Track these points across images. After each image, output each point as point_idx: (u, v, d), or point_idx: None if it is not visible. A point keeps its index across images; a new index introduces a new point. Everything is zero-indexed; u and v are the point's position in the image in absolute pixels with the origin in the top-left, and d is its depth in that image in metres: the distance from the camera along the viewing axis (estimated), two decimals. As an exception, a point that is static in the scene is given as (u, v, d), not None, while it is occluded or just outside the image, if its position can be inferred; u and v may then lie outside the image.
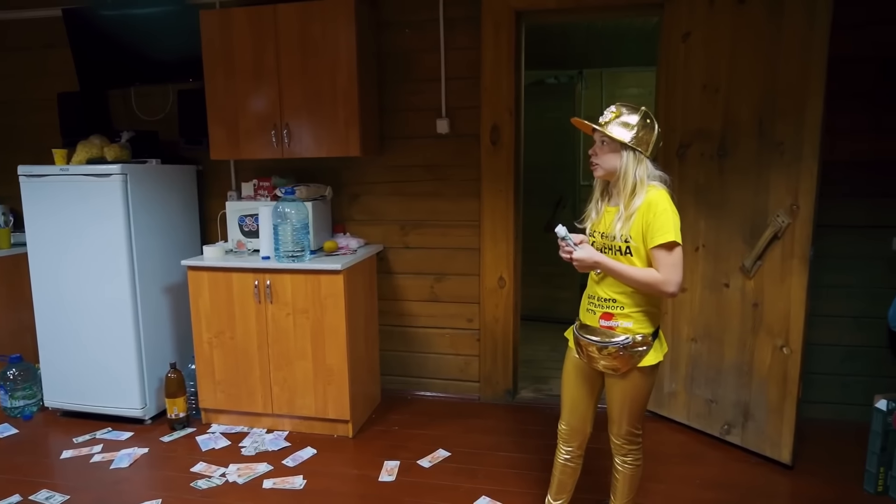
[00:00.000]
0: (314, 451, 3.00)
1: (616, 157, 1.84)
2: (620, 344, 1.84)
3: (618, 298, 1.88)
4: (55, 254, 3.33)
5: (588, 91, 5.74)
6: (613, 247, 1.87)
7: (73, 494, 2.67)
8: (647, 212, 1.78)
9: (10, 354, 3.54)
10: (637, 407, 1.96)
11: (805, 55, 2.50)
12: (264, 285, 3.06)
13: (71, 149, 3.43)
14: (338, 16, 3.04)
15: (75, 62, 3.68)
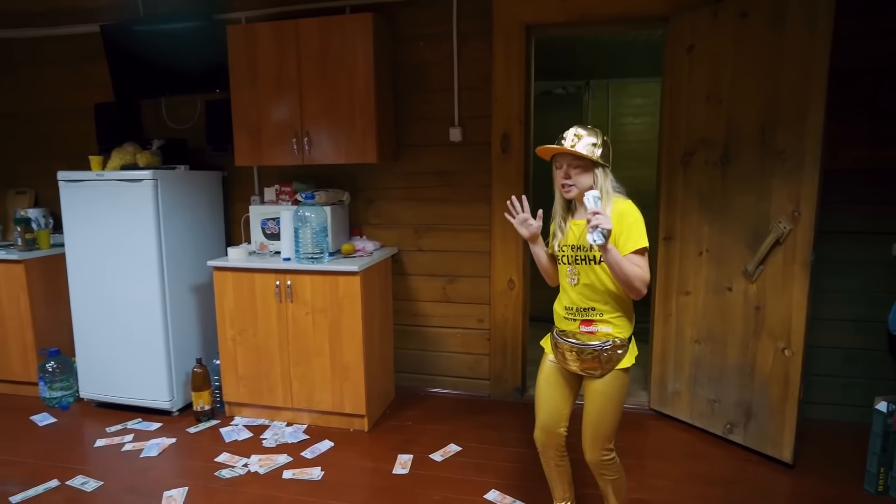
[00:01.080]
0: (331, 443, 2.99)
1: (588, 175, 1.86)
2: (600, 347, 1.86)
3: (596, 307, 1.89)
4: (91, 254, 3.36)
5: (595, 101, 5.66)
6: (588, 257, 1.88)
7: (106, 480, 2.69)
8: (621, 221, 1.80)
9: (49, 348, 3.56)
10: (613, 412, 1.92)
11: (806, 66, 2.44)
12: (285, 285, 3.05)
13: (106, 155, 3.49)
14: (356, 30, 3.03)
15: (111, 74, 3.71)
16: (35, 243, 3.70)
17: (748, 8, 2.62)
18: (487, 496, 2.47)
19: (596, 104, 5.77)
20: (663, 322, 3.15)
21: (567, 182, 1.88)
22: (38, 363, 3.59)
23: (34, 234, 3.71)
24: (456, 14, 3.24)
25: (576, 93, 4.95)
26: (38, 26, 3.95)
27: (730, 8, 2.69)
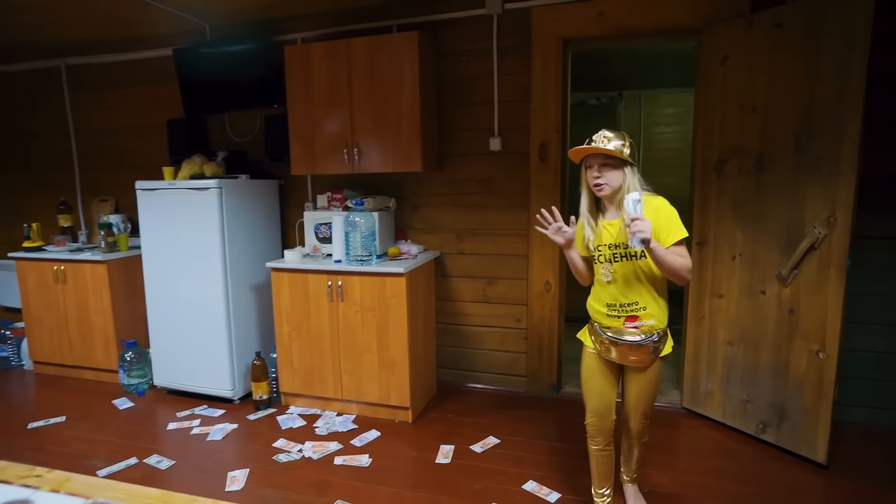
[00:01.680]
0: (378, 433, 3.02)
1: (619, 173, 1.90)
2: (652, 341, 1.92)
3: (638, 300, 1.94)
4: (163, 256, 3.47)
5: (627, 111, 5.58)
6: (628, 254, 1.91)
7: (177, 460, 2.78)
8: (658, 216, 1.85)
9: (128, 340, 3.71)
10: (654, 392, 2.08)
11: (843, 74, 2.36)
12: (336, 285, 3.11)
13: (177, 166, 3.60)
14: (403, 48, 3.07)
15: (181, 93, 3.85)
16: (116, 246, 3.86)
17: (783, 19, 2.56)
18: (525, 487, 2.47)
19: (628, 114, 5.70)
20: (696, 324, 3.09)
21: (599, 181, 1.91)
22: (118, 353, 3.73)
23: (115, 237, 3.87)
24: (496, 31, 3.25)
25: (609, 103, 4.90)
26: (118, 52, 4.13)
27: (765, 20, 2.63)
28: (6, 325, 4.24)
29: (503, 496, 2.41)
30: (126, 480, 1.46)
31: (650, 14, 3.01)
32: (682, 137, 5.88)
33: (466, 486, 2.49)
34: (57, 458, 2.81)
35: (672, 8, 2.97)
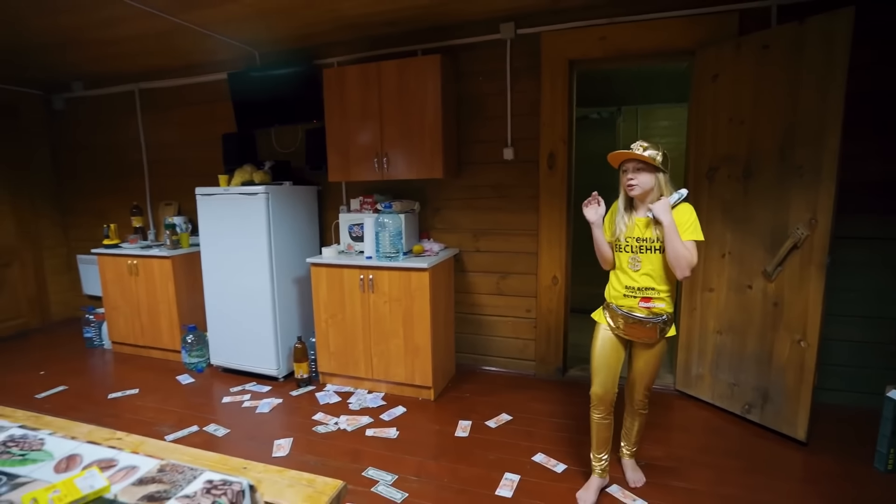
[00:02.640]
0: (404, 409, 3.04)
1: (651, 177, 1.94)
2: (661, 321, 1.97)
3: (655, 287, 1.97)
4: (218, 252, 3.52)
5: (625, 124, 5.51)
6: (653, 247, 1.96)
7: (232, 429, 2.84)
8: (683, 216, 1.92)
9: (189, 324, 3.78)
10: (657, 368, 2.12)
11: (823, 91, 2.32)
12: (367, 279, 3.13)
13: (230, 174, 3.64)
14: (427, 70, 3.08)
15: (234, 111, 3.90)
16: (179, 243, 3.92)
17: (769, 41, 2.51)
18: (535, 458, 2.48)
19: (626, 127, 5.65)
20: (688, 315, 3.05)
21: (632, 182, 1.95)
22: (180, 335, 3.81)
23: (178, 236, 3.93)
24: (510, 53, 3.25)
25: (609, 117, 4.84)
26: (181, 77, 4.22)
27: (752, 42, 2.58)
28: (90, 311, 4.34)
29: (515, 466, 2.42)
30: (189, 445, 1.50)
31: (647, 38, 2.97)
32: (676, 147, 5.77)
33: (482, 457, 2.50)
34: (132, 424, 2.89)
35: (667, 32, 2.93)
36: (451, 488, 2.26)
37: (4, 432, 1.17)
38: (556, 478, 2.32)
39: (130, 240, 4.18)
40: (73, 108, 4.79)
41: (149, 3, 2.82)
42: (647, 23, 2.95)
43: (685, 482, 2.27)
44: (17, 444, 1.12)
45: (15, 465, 1.03)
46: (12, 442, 1.13)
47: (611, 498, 2.17)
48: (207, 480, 0.99)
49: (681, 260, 1.86)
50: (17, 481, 0.97)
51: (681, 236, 1.88)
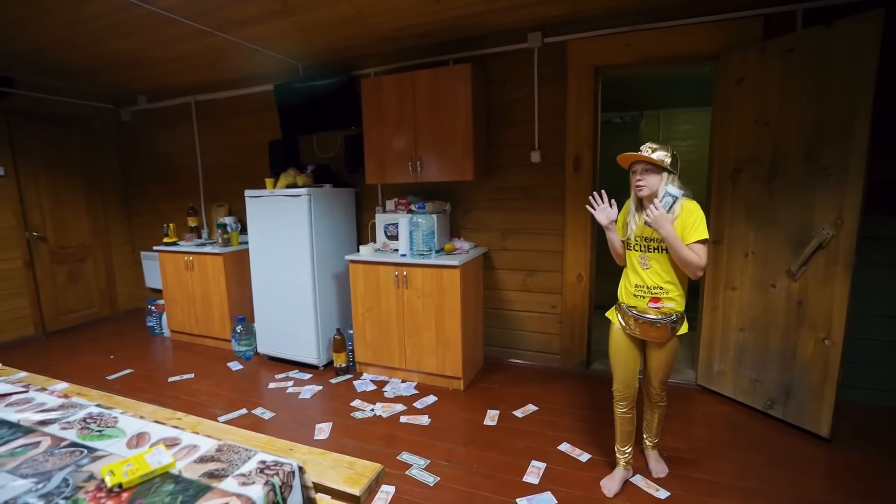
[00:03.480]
0: (435, 398, 3.04)
1: (657, 178, 1.88)
2: (670, 321, 1.90)
3: (663, 286, 1.92)
4: (265, 249, 3.59)
5: (647, 127, 5.38)
6: (660, 247, 1.91)
7: (277, 413, 2.89)
8: (687, 216, 1.83)
9: (238, 315, 3.88)
10: (671, 364, 2.04)
11: (851, 92, 2.21)
12: (402, 275, 3.14)
13: (276, 178, 3.70)
14: (458, 78, 3.06)
15: (280, 119, 3.96)
16: (229, 241, 4.01)
17: (795, 44, 2.40)
18: (560, 447, 2.45)
19: (648, 130, 5.52)
20: (711, 312, 2.95)
21: (640, 183, 1.90)
22: (231, 326, 3.91)
23: (229, 235, 4.02)
24: (537, 61, 3.20)
25: (631, 122, 4.73)
26: (232, 89, 4.32)
27: (777, 46, 2.48)
28: (152, 302, 4.50)
29: (541, 454, 2.39)
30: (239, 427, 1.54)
31: (671, 43, 2.88)
32: (697, 150, 5.62)
33: (510, 445, 2.49)
34: (189, 405, 2.98)
35: (691, 38, 2.83)
36: (480, 474, 2.26)
37: (84, 410, 1.23)
38: (581, 466, 2.29)
39: (187, 238, 4.31)
40: (139, 120, 4.99)
41: (205, 22, 2.91)
42: (671, 29, 2.87)
43: (707, 474, 2.20)
44: (95, 420, 1.17)
45: (94, 440, 1.08)
46: (91, 419, 1.18)
47: (634, 488, 2.12)
48: (261, 461, 1.01)
49: (689, 266, 1.81)
50: (96, 454, 1.02)
51: (686, 239, 1.81)
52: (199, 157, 4.66)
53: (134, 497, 0.88)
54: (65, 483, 0.91)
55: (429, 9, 2.82)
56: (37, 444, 1.05)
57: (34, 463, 0.98)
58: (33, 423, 1.15)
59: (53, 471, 0.95)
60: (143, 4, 2.62)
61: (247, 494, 0.89)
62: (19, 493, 0.88)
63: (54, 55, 3.57)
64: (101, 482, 0.92)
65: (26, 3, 2.63)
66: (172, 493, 0.89)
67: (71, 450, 1.03)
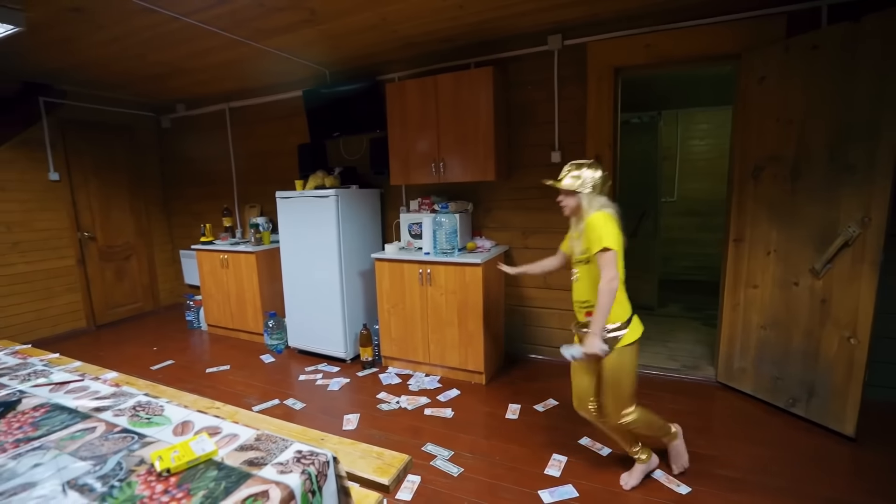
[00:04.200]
0: (458, 391, 3.04)
1: (574, 199, 1.91)
2: (605, 331, 1.83)
3: (590, 299, 1.89)
4: (295, 248, 3.65)
5: (666, 127, 5.27)
6: (582, 260, 1.92)
7: (307, 403, 2.94)
8: (589, 230, 1.84)
9: (270, 311, 3.96)
10: (621, 378, 1.88)
11: (880, 88, 2.11)
12: (426, 273, 3.15)
13: (305, 180, 3.76)
14: (480, 81, 3.05)
15: (308, 123, 4.01)
16: (261, 241, 4.09)
17: (820, 41, 2.31)
18: (581, 441, 2.42)
19: (667, 130, 5.41)
20: (731, 310, 2.87)
21: (562, 204, 1.97)
22: (263, 320, 3.99)
23: (261, 234, 4.10)
24: (557, 63, 3.17)
25: (650, 122, 4.63)
26: (263, 95, 4.40)
27: (801, 43, 2.39)
28: (190, 298, 4.63)
29: (562, 448, 2.37)
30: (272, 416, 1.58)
31: (692, 43, 2.81)
32: (715, 149, 5.49)
33: (531, 438, 2.48)
34: (226, 395, 3.06)
35: (712, 37, 2.76)
36: (502, 465, 2.25)
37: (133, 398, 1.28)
38: (602, 460, 2.26)
39: (222, 237, 4.42)
40: (177, 127, 5.13)
41: (239, 33, 2.97)
42: (691, 29, 2.80)
43: (729, 470, 2.15)
44: (144, 408, 1.22)
45: (143, 427, 1.12)
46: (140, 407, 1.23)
47: (655, 483, 2.08)
48: (297, 450, 1.03)
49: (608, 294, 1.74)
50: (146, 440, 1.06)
51: (593, 251, 1.80)
52: (233, 160, 4.76)
53: (181, 482, 0.92)
54: (119, 466, 0.95)
55: (451, 14, 2.81)
56: (93, 430, 1.10)
57: (91, 447, 1.02)
58: (89, 409, 1.20)
59: (108, 454, 0.99)
60: (183, 17, 2.69)
61: (285, 482, 0.91)
62: (80, 475, 0.92)
63: (102, 68, 3.70)
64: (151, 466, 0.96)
65: (79, 21, 2.73)
66: (216, 479, 0.92)
67: (123, 435, 1.07)
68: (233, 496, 0.87)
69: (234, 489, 0.89)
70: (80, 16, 2.65)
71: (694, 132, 5.59)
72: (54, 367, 1.52)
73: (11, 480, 0.91)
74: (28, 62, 3.55)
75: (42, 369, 1.50)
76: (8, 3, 2.29)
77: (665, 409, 2.70)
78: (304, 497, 0.92)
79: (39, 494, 0.87)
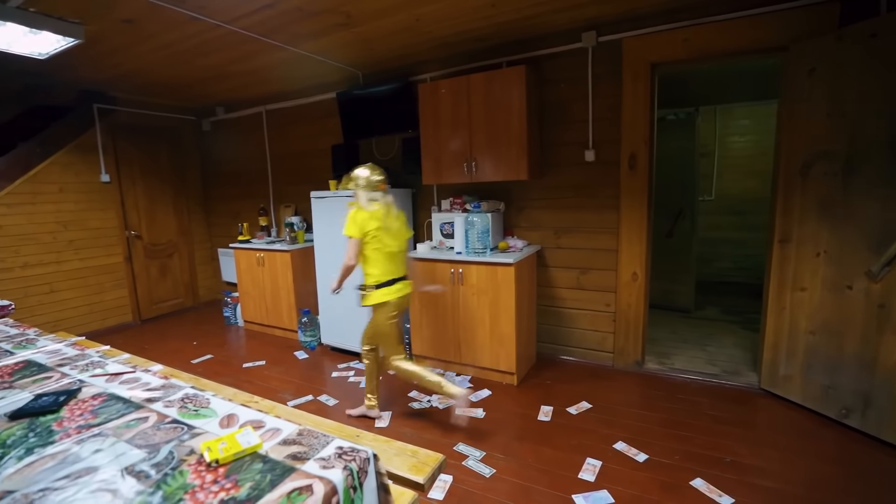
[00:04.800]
0: (489, 391, 3.02)
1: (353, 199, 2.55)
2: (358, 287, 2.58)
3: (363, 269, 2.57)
4: (328, 246, 3.71)
5: (704, 123, 5.09)
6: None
7: (340, 400, 2.98)
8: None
9: (303, 308, 4.04)
10: (379, 333, 2.59)
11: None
12: (457, 272, 3.14)
13: (338, 180, 3.82)
14: (513, 80, 3.03)
15: (342, 125, 4.07)
16: (296, 239, 4.17)
17: (878, 29, 2.17)
18: (616, 446, 2.36)
19: (706, 126, 5.23)
20: (776, 314, 2.74)
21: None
22: (297, 317, 4.07)
23: (295, 233, 4.18)
24: (591, 60, 3.10)
25: (686, 118, 4.48)
26: (298, 98, 4.50)
27: (857, 32, 2.25)
28: (227, 295, 4.78)
29: (596, 452, 2.32)
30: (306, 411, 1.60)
31: (734, 36, 2.70)
32: (756, 145, 5.26)
33: (564, 441, 2.43)
34: (262, 390, 3.13)
35: (757, 29, 2.64)
36: (535, 468, 2.22)
37: (182, 391, 1.32)
38: (638, 466, 2.20)
39: (258, 236, 4.54)
40: (217, 129, 5.31)
41: (277, 38, 3.05)
42: (733, 21, 2.69)
43: (774, 482, 2.05)
44: (191, 400, 1.26)
45: (191, 418, 1.16)
46: (188, 399, 1.27)
47: (696, 492, 2.01)
48: (338, 447, 1.04)
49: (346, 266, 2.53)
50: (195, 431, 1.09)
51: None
52: (269, 161, 4.89)
53: (229, 472, 0.94)
54: (171, 455, 0.98)
55: (484, 14, 2.80)
56: (146, 419, 1.14)
57: (145, 435, 1.07)
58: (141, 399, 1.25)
59: (161, 444, 1.03)
60: (225, 25, 2.78)
61: (328, 477, 0.92)
62: (136, 461, 0.96)
63: (149, 75, 3.87)
64: (201, 456, 0.99)
65: (131, 32, 2.87)
66: (262, 472, 0.94)
67: (174, 426, 1.11)
68: (278, 489, 0.89)
69: (279, 482, 0.91)
70: (132, 26, 2.78)
71: (734, 128, 5.37)
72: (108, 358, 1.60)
73: (77, 464, 0.96)
74: (84, 71, 3.75)
75: (98, 360, 1.57)
76: (69, 18, 2.42)
77: (703, 414, 2.61)
78: (346, 493, 0.93)
79: (101, 479, 0.91)
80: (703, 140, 5.19)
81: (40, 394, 1.27)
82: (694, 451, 2.28)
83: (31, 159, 4.05)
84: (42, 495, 0.87)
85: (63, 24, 2.41)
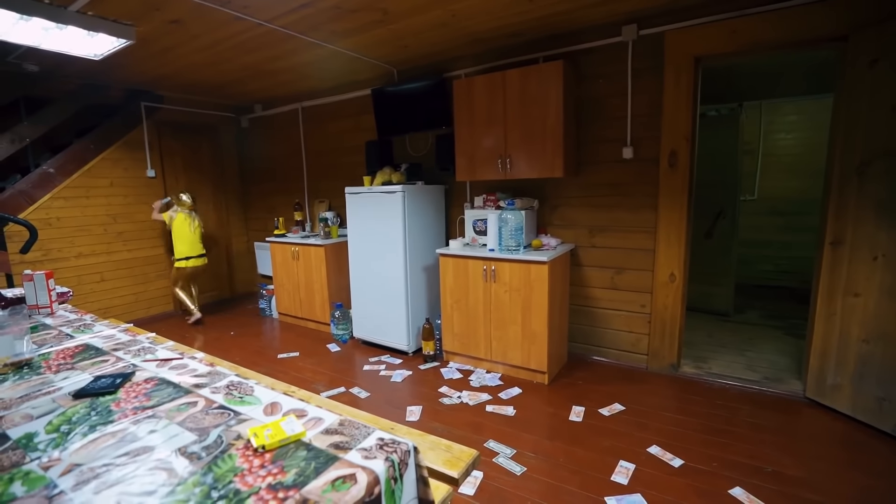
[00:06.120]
0: (520, 390, 3.00)
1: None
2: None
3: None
4: (362, 242, 3.76)
5: (747, 120, 4.88)
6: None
7: (371, 393, 3.02)
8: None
9: (336, 302, 4.10)
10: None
11: None
12: (490, 269, 3.14)
13: (372, 176, 3.86)
14: (549, 75, 2.98)
15: (376, 121, 4.11)
16: (330, 234, 4.25)
17: (950, 18, 2.03)
18: (650, 450, 2.30)
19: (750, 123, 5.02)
20: (825, 320, 2.61)
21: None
22: (330, 311, 4.14)
23: (330, 228, 4.25)
24: (631, 55, 3.02)
25: (729, 114, 4.30)
26: (334, 95, 4.58)
27: (925, 21, 2.11)
28: (263, 287, 4.92)
29: (630, 455, 2.28)
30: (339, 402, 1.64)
31: (787, 27, 2.58)
32: (804, 143, 5.01)
33: (596, 443, 2.40)
34: (296, 380, 3.22)
35: (812, 18, 2.51)
36: (566, 468, 2.20)
37: (226, 378, 1.37)
38: (673, 471, 2.14)
39: (293, 230, 4.65)
40: (254, 126, 5.47)
41: (315, 35, 3.10)
42: (786, 11, 2.56)
43: (821, 496, 1.96)
44: (236, 388, 1.30)
45: (237, 405, 1.20)
46: (233, 386, 1.32)
47: (735, 501, 1.94)
48: (379, 438, 1.06)
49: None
50: (241, 417, 1.13)
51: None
52: (304, 157, 4.99)
53: (275, 458, 0.97)
54: (220, 439, 1.03)
55: (521, 8, 2.77)
56: (195, 404, 1.19)
57: (195, 419, 1.11)
58: (190, 385, 1.31)
59: (210, 428, 1.07)
60: (266, 23, 2.86)
61: (370, 467, 0.94)
62: (188, 443, 1.01)
63: (193, 74, 4.01)
64: (247, 442, 1.02)
65: (178, 32, 2.98)
66: (306, 459, 0.96)
67: (221, 411, 1.15)
68: (323, 476, 0.91)
69: (324, 470, 0.93)
70: (179, 27, 2.89)
71: (780, 125, 5.14)
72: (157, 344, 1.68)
73: (134, 442, 1.01)
74: (133, 71, 3.92)
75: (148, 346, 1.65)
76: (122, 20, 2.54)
77: (743, 422, 2.52)
78: (388, 483, 0.94)
79: (157, 458, 0.96)
80: (747, 137, 4.98)
81: (99, 375, 1.35)
82: (733, 458, 2.20)
83: (86, 155, 4.29)
84: (106, 469, 0.92)
85: (117, 27, 2.54)
